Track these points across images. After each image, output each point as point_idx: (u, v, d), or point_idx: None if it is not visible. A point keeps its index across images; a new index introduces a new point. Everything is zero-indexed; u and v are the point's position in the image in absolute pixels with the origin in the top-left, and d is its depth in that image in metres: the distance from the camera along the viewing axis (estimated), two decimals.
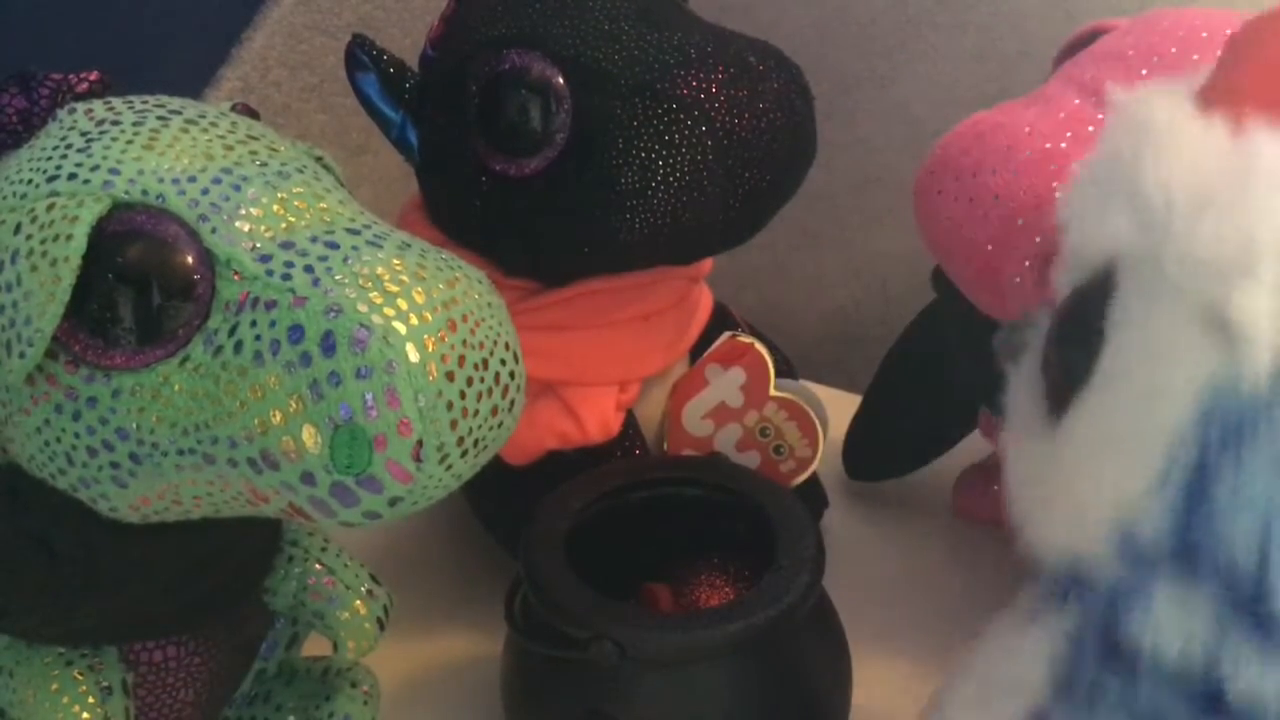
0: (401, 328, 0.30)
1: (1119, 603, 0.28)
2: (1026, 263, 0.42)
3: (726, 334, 0.55)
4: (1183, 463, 0.25)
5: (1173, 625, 0.26)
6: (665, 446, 0.55)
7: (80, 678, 0.37)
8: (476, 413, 0.31)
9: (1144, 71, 0.43)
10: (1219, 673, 0.26)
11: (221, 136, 0.34)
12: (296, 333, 0.30)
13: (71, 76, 0.36)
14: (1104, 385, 0.27)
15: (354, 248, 0.32)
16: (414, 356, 0.30)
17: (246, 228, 0.32)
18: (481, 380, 0.31)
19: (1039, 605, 0.32)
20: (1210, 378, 0.25)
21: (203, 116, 0.35)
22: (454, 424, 0.31)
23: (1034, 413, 0.30)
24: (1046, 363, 0.30)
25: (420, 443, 0.30)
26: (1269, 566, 0.24)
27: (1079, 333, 0.28)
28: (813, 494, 0.58)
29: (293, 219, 0.33)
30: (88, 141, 0.33)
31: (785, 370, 0.57)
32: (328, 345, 0.30)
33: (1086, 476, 0.28)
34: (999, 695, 0.32)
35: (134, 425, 0.32)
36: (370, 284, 0.31)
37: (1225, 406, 0.25)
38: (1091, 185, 0.29)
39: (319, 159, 0.37)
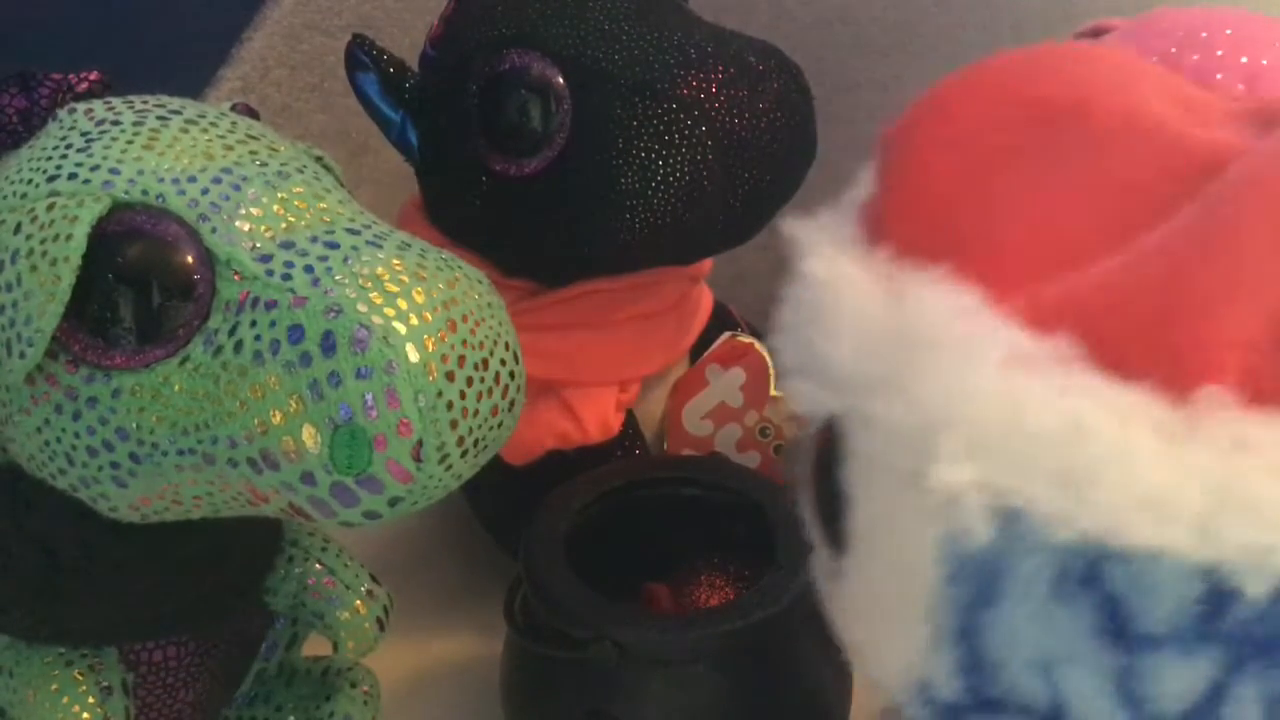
0: (401, 328, 0.30)
1: None
2: None
3: (726, 334, 0.55)
4: (948, 626, 0.25)
5: None
6: (665, 446, 0.55)
7: (80, 678, 0.37)
8: (476, 413, 0.31)
9: None
10: None
11: (221, 136, 0.34)
12: (296, 333, 0.30)
13: (71, 76, 0.36)
14: (858, 553, 0.27)
15: (354, 248, 0.32)
16: (414, 356, 0.30)
17: (246, 228, 0.32)
18: (481, 380, 0.31)
19: None
20: (942, 543, 0.25)
21: (203, 116, 0.35)
22: (454, 424, 0.31)
23: (821, 552, 0.30)
24: (812, 514, 0.30)
25: (420, 443, 0.30)
26: (1066, 707, 0.24)
27: (826, 492, 0.28)
28: None
29: (293, 219, 0.33)
30: (88, 141, 0.33)
31: None
32: (328, 345, 0.30)
33: (871, 640, 0.28)
34: None
35: (134, 425, 0.32)
36: (370, 284, 0.31)
37: (964, 567, 0.24)
38: (786, 343, 0.28)
39: (319, 159, 0.37)
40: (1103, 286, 0.24)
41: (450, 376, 0.30)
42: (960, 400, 0.23)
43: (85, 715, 0.37)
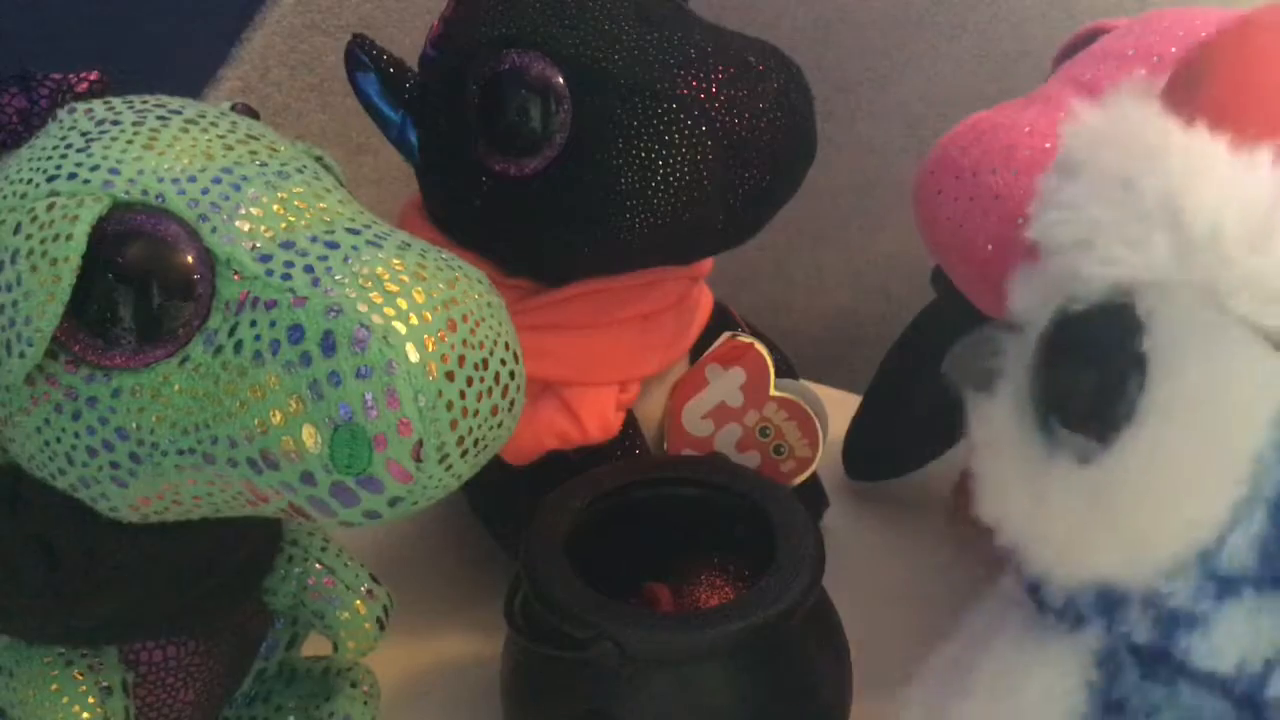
0: (401, 328, 0.30)
1: (1174, 622, 0.28)
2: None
3: (726, 334, 0.55)
4: (1268, 488, 0.26)
5: (1236, 641, 0.27)
6: (665, 446, 0.55)
7: (80, 678, 0.37)
8: (476, 413, 0.31)
9: (1144, 72, 0.43)
10: (1267, 682, 0.27)
11: (221, 136, 0.34)
12: (296, 332, 0.30)
13: (71, 76, 0.36)
14: (1163, 418, 0.27)
15: (354, 247, 0.32)
16: (414, 356, 0.30)
17: (246, 227, 0.32)
18: (481, 380, 0.31)
19: (1042, 627, 0.32)
20: None
21: (203, 116, 0.35)
22: (454, 424, 0.31)
23: (1027, 443, 0.30)
24: (1045, 391, 0.30)
25: (420, 443, 0.30)
26: None
27: (1105, 363, 0.28)
28: (813, 494, 0.58)
29: (293, 219, 0.33)
30: (88, 141, 0.33)
31: (785, 370, 0.57)
32: (328, 345, 0.30)
33: (1147, 509, 0.28)
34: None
35: (134, 425, 0.32)
36: (370, 284, 0.31)
37: None
38: (1090, 208, 0.29)
39: (319, 159, 0.37)
40: None
41: (450, 376, 0.30)
42: None
43: (85, 715, 0.37)
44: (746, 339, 0.54)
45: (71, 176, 0.32)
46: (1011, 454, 0.31)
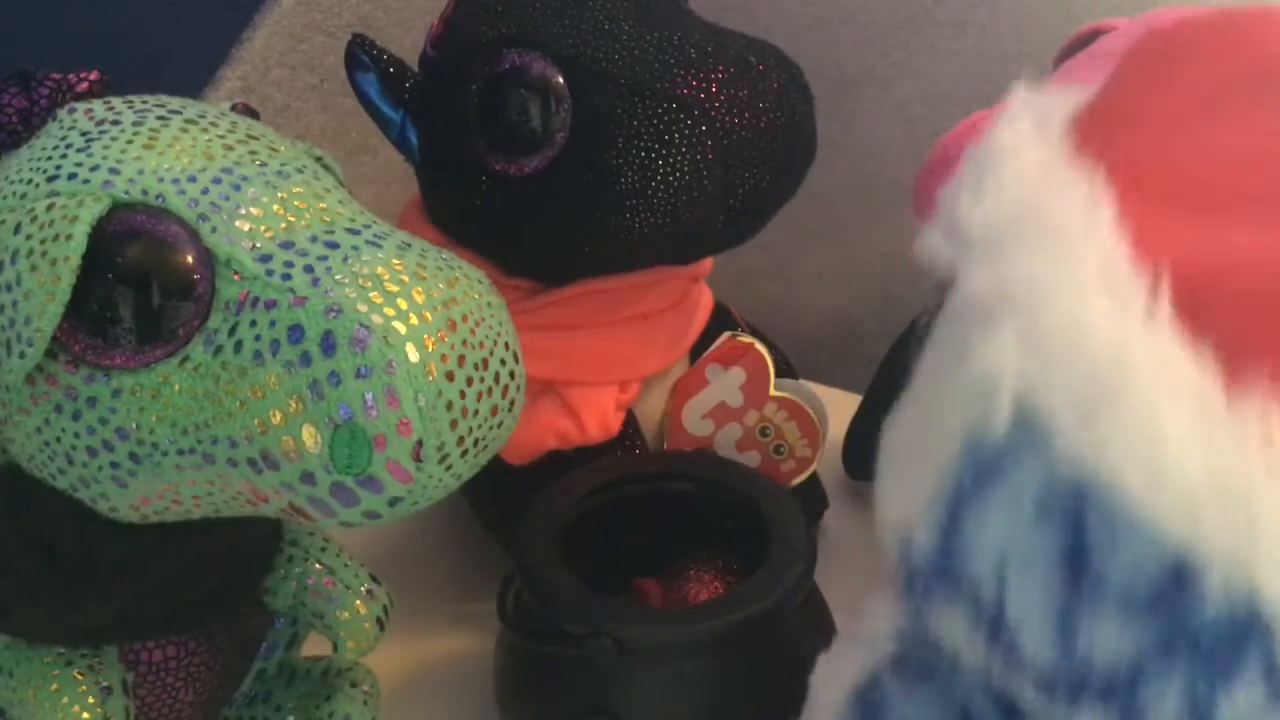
0: (401, 328, 0.30)
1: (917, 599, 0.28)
2: None
3: (726, 334, 0.55)
4: (947, 491, 0.26)
5: (946, 631, 0.27)
6: (665, 446, 0.55)
7: (80, 678, 0.37)
8: (476, 413, 0.31)
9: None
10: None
11: (221, 136, 0.34)
12: (296, 332, 0.30)
13: (71, 76, 0.35)
14: (913, 393, 0.28)
15: (354, 247, 0.32)
16: (414, 356, 0.30)
17: (246, 227, 0.32)
18: (481, 380, 0.31)
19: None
20: (973, 418, 0.25)
21: (203, 116, 0.35)
22: (454, 424, 0.31)
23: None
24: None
25: (420, 443, 0.30)
26: (1005, 614, 0.25)
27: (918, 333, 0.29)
28: (813, 494, 0.58)
29: (293, 219, 0.33)
30: (88, 141, 0.33)
31: (785, 370, 0.57)
32: (328, 345, 0.30)
33: (892, 475, 0.29)
34: (852, 647, 0.33)
35: (134, 425, 0.32)
36: (370, 284, 0.31)
37: (977, 448, 0.25)
38: (949, 199, 0.29)
39: (319, 159, 0.37)
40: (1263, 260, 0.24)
41: (450, 376, 0.30)
42: (1037, 290, 0.24)
43: (85, 715, 0.37)
44: (746, 339, 0.54)
45: (71, 176, 0.32)
46: None
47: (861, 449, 0.62)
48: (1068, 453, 0.23)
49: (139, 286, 0.32)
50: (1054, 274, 0.24)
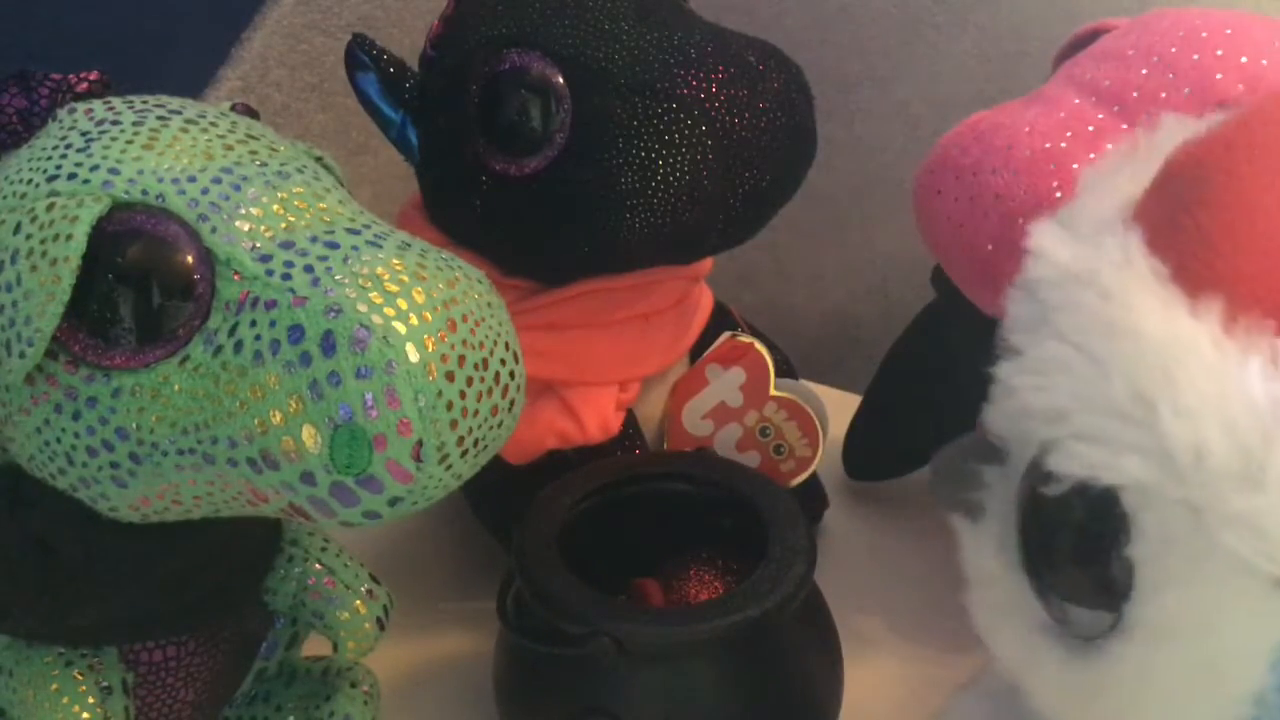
0: (401, 328, 0.30)
1: None
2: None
3: (726, 334, 0.55)
4: None
5: None
6: (665, 446, 0.55)
7: (80, 678, 0.37)
8: (476, 413, 0.31)
9: (1144, 71, 0.43)
10: None
11: (221, 136, 0.34)
12: (296, 333, 0.30)
13: (71, 76, 0.36)
14: (1149, 641, 0.25)
15: (354, 248, 0.32)
16: (414, 356, 0.30)
17: (246, 227, 0.32)
18: (481, 380, 0.31)
19: None
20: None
21: (203, 116, 0.35)
22: (454, 424, 0.31)
23: (1017, 589, 0.28)
24: (1034, 564, 0.28)
25: (420, 443, 0.30)
26: None
27: (1085, 556, 0.26)
28: (813, 494, 0.58)
29: (293, 219, 0.33)
30: (88, 141, 0.33)
31: (785, 370, 0.57)
32: (328, 345, 0.30)
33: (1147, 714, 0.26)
34: None
35: (134, 425, 0.32)
36: (370, 284, 0.31)
37: None
38: (1067, 389, 0.25)
39: (319, 159, 0.37)
40: None
41: (450, 376, 0.30)
42: None
43: (85, 715, 0.37)
44: (746, 339, 0.54)
45: (71, 176, 0.32)
46: (1003, 597, 0.29)
47: (861, 449, 0.62)
48: None
49: (139, 286, 0.32)
50: None
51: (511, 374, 0.32)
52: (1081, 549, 0.26)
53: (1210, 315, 0.24)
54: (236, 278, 0.32)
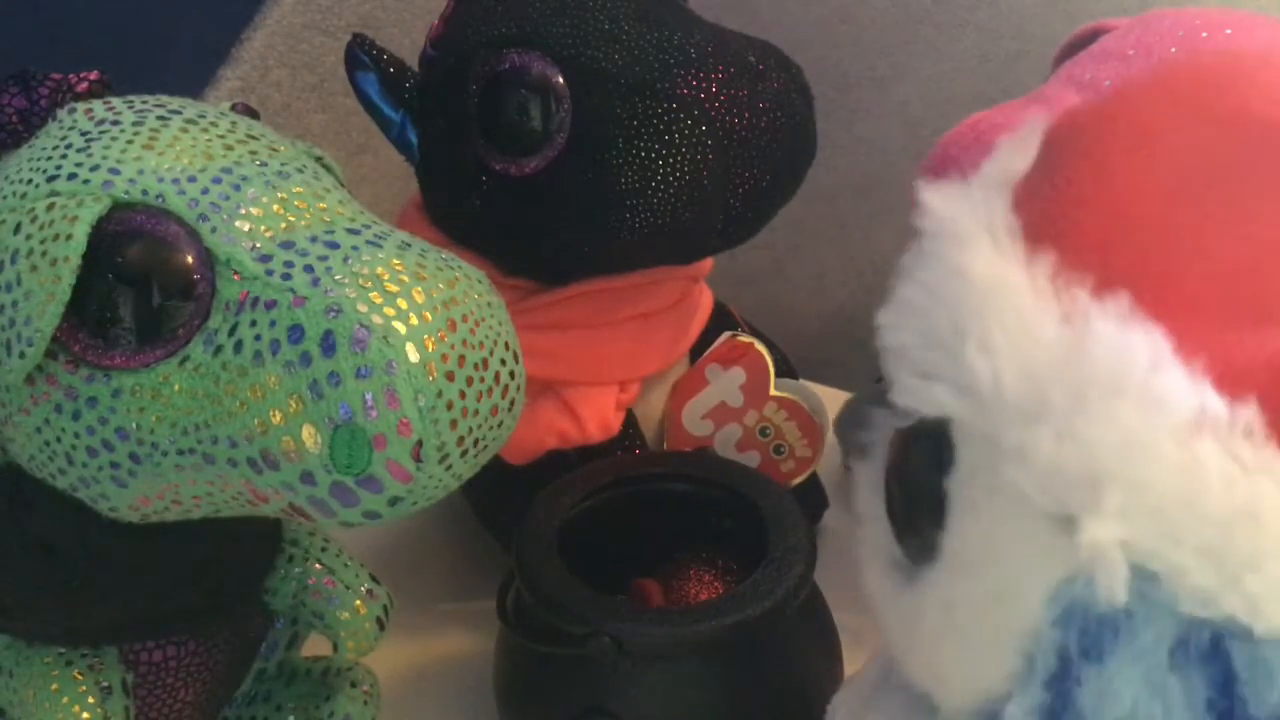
0: (401, 328, 0.30)
1: None
2: None
3: (726, 334, 0.55)
4: (1042, 665, 0.25)
5: None
6: (665, 446, 0.55)
7: (80, 678, 0.37)
8: (476, 413, 0.31)
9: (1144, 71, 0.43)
10: None
11: (221, 136, 0.34)
12: (296, 333, 0.30)
13: (71, 76, 0.36)
14: (951, 569, 0.26)
15: (354, 248, 0.32)
16: (414, 356, 0.30)
17: (246, 227, 0.32)
18: (481, 380, 0.31)
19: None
20: (1063, 583, 0.24)
21: (203, 116, 0.35)
22: (454, 424, 0.31)
23: (884, 547, 0.29)
24: (891, 502, 0.29)
25: (420, 443, 0.30)
26: None
27: (916, 489, 0.27)
28: (813, 494, 0.58)
29: (293, 219, 0.33)
30: (88, 141, 0.33)
31: (785, 370, 0.57)
32: (328, 345, 0.30)
33: (944, 654, 0.27)
34: None
35: (134, 425, 0.32)
36: (370, 284, 0.31)
37: (1080, 616, 0.24)
38: (910, 326, 0.26)
39: (319, 159, 0.37)
40: None
41: (450, 376, 0.30)
42: (1135, 459, 0.22)
43: (85, 715, 0.37)
44: (746, 339, 0.54)
45: (71, 176, 0.32)
46: (871, 535, 0.29)
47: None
48: (1208, 605, 0.22)
49: (139, 286, 0.32)
50: (1145, 432, 0.22)
51: (511, 374, 0.32)
52: (914, 482, 0.27)
53: (1040, 267, 0.24)
54: (236, 278, 0.32)
